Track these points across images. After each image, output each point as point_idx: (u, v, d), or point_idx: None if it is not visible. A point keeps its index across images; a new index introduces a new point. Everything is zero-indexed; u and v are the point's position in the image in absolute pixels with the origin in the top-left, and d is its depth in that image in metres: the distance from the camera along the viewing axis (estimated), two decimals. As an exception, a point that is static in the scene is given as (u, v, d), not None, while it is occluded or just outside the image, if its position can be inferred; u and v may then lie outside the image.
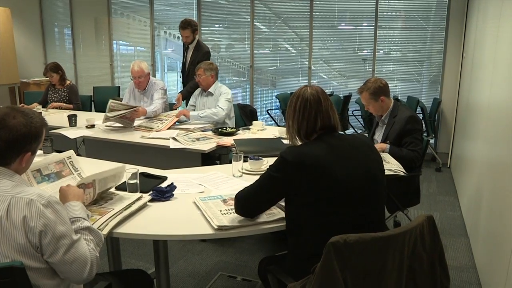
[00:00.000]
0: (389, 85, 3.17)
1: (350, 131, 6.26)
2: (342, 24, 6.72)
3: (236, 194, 1.84)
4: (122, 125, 3.88)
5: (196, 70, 4.13)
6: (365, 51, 6.59)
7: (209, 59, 4.84)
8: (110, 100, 3.76)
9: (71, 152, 2.34)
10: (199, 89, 4.28)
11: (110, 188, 2.08)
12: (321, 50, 6.86)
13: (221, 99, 4.00)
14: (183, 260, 3.12)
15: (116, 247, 2.59)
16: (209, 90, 4.12)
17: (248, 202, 1.81)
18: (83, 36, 8.18)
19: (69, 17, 8.09)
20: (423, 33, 6.25)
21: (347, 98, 6.26)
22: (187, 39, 4.92)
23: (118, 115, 3.71)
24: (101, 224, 1.75)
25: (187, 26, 4.85)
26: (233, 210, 1.88)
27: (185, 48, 5.12)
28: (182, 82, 5.26)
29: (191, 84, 4.72)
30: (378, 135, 3.22)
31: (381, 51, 6.43)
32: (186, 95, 4.73)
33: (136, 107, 3.85)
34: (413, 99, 5.84)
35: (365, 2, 6.37)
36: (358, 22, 6.64)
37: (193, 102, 4.32)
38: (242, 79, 7.35)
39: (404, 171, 2.62)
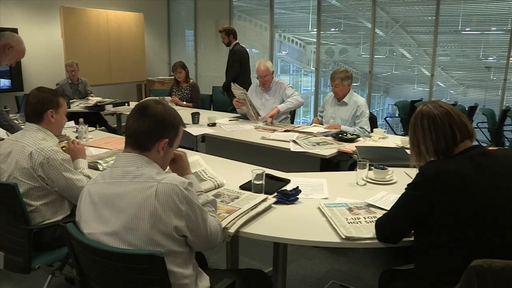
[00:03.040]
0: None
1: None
2: (466, 29, 6.26)
3: (376, 221, 1.75)
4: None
5: (332, 80, 3.93)
6: (490, 58, 6.07)
7: (236, 57, 5.68)
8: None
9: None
10: (330, 96, 4.12)
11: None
12: (440, 56, 6.43)
13: (363, 118, 3.83)
14: (295, 264, 3.13)
15: (235, 245, 2.65)
16: (343, 100, 3.96)
17: (387, 227, 1.69)
18: (204, 38, 8.62)
19: (192, 20, 8.59)
20: None
21: (473, 109, 5.81)
22: (223, 40, 5.88)
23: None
24: (229, 223, 1.81)
25: (222, 29, 5.85)
26: (359, 220, 1.84)
27: None
28: None
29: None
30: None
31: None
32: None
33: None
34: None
35: (496, 4, 5.79)
36: (485, 26, 6.11)
37: (322, 108, 4.26)
38: (355, 84, 7.19)
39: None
